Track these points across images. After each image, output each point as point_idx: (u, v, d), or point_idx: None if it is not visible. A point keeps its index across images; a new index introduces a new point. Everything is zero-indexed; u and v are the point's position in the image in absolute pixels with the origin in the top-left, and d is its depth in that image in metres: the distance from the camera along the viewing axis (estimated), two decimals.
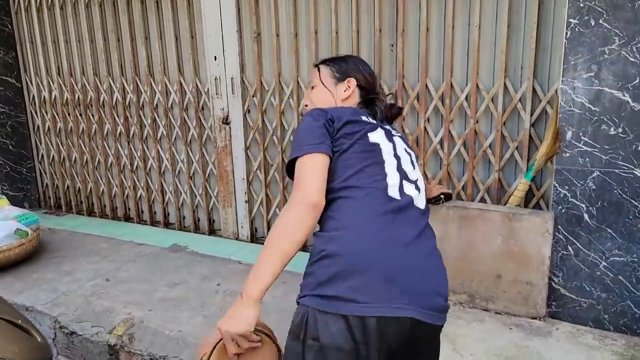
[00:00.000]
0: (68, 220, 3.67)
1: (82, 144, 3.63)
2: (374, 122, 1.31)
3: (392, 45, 2.50)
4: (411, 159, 1.30)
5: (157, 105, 3.28)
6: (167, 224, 3.48)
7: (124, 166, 3.52)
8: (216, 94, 3.00)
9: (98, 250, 3.03)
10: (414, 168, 1.29)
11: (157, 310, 2.26)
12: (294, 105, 2.79)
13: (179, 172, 3.34)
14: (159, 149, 3.34)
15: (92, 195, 3.71)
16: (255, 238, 3.16)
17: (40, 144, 3.81)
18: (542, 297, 2.10)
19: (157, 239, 3.21)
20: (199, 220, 3.38)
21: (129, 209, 3.63)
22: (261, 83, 2.86)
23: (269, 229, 3.08)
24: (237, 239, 3.18)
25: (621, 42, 1.81)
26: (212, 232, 3.32)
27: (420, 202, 1.23)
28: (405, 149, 1.31)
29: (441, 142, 2.47)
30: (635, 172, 1.88)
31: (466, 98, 2.36)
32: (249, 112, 2.97)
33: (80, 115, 3.56)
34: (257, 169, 3.02)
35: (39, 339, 1.53)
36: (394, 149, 1.26)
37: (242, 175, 3.06)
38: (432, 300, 1.11)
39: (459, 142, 2.42)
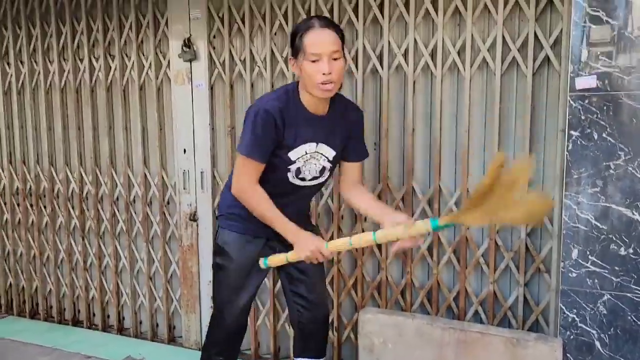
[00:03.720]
0: (6, 323, 3.24)
1: (30, 238, 3.28)
2: None
3: (375, 144, 2.36)
4: None
5: (117, 198, 3.01)
6: (121, 330, 3.10)
7: (75, 263, 3.18)
8: (184, 188, 2.77)
9: None
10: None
11: None
12: None
13: (137, 272, 3.02)
14: (117, 245, 3.03)
15: (38, 294, 3.31)
16: None
17: None
18: None
19: (109, 350, 2.83)
20: (157, 326, 3.03)
21: (79, 311, 3.24)
22: None
23: (255, 340, 2.76)
24: (200, 349, 2.83)
25: (626, 158, 1.70)
26: (172, 340, 2.96)
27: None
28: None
29: (429, 249, 2.28)
30: None
31: (455, 204, 2.20)
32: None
33: (31, 206, 3.25)
34: None
35: None
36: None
37: (208, 277, 2.76)
38: None
39: (449, 250, 2.23)
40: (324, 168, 1.83)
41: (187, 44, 2.64)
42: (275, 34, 2.48)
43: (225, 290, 1.93)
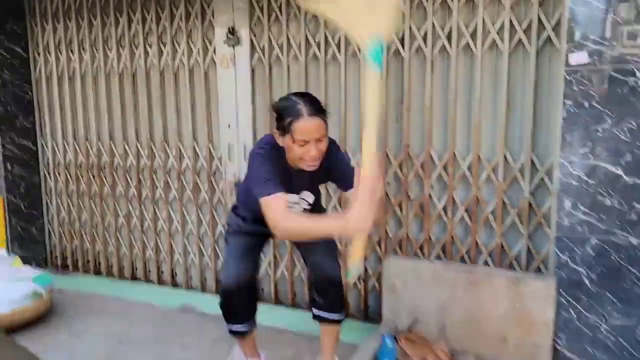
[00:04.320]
0: (75, 279, 3.71)
1: (92, 205, 3.73)
2: None
3: (397, 117, 2.70)
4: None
5: (170, 169, 3.42)
6: (174, 285, 3.54)
7: (133, 227, 3.61)
8: (229, 159, 3.16)
9: (108, 311, 3.07)
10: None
11: None
12: None
13: (188, 234, 3.43)
14: (170, 211, 3.45)
15: (100, 255, 3.77)
16: (262, 298, 3.22)
17: (52, 204, 3.90)
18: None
19: (165, 299, 3.26)
20: (205, 280, 3.45)
21: (136, 268, 3.68)
22: None
23: (275, 289, 3.17)
24: None
25: (613, 122, 2.01)
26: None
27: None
28: None
29: (445, 209, 2.61)
30: (631, 240, 2.02)
31: (468, 168, 2.53)
32: None
33: (93, 177, 3.69)
34: None
35: None
36: None
37: None
38: None
39: (462, 208, 2.56)
40: (305, 209, 2.10)
41: (231, 31, 3.00)
42: (309, 21, 2.82)
43: None
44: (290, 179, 1.95)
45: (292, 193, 1.98)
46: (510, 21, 2.37)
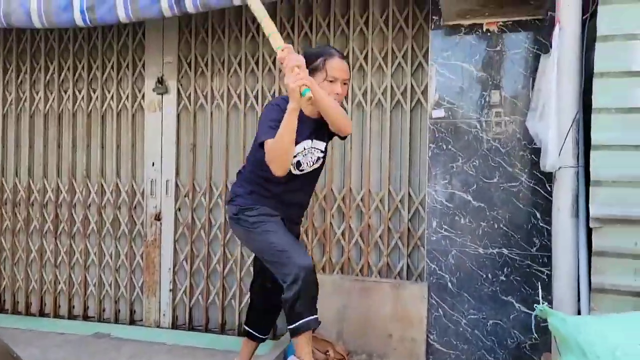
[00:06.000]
0: None
1: (2, 240, 3.77)
2: None
3: None
4: None
5: (90, 204, 3.63)
6: (86, 317, 3.64)
7: (45, 261, 3.70)
8: (151, 194, 3.47)
9: (19, 341, 3.11)
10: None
11: None
12: (221, 204, 3.34)
13: (104, 265, 3.61)
14: (87, 244, 3.62)
15: (6, 291, 3.76)
16: (177, 325, 3.45)
17: None
18: (422, 351, 2.70)
19: (78, 329, 3.36)
20: (119, 311, 3.60)
21: (45, 304, 3.73)
22: (193, 185, 3.40)
23: (190, 316, 3.42)
24: (158, 326, 3.45)
25: (463, 161, 2.69)
26: (132, 322, 3.55)
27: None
28: None
29: (343, 234, 3.14)
30: (479, 250, 2.66)
31: (361, 200, 3.10)
32: (179, 209, 3.45)
33: (5, 212, 3.76)
34: (183, 260, 3.42)
35: None
36: None
37: (168, 265, 3.44)
38: None
39: (357, 233, 3.10)
40: (318, 158, 2.23)
41: (160, 81, 3.43)
42: (231, 76, 3.34)
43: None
44: (305, 125, 2.06)
45: (307, 140, 2.12)
46: (392, 86, 3.06)
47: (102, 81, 3.60)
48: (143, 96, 3.52)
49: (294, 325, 2.04)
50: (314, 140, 2.18)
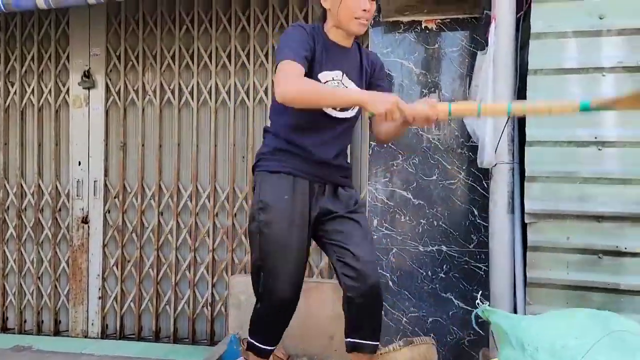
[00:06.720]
0: None
1: None
2: None
3: (243, 157, 3.13)
4: None
5: (8, 207, 3.34)
6: (4, 329, 3.35)
7: None
8: (77, 195, 3.24)
9: None
10: None
11: None
12: (155, 206, 3.16)
13: (25, 273, 3.33)
14: (5, 250, 3.34)
15: None
16: (106, 334, 3.24)
17: None
18: None
19: None
20: (42, 322, 3.34)
21: None
22: (124, 186, 3.21)
23: (121, 324, 3.22)
24: (86, 337, 3.23)
25: (403, 159, 2.68)
26: (57, 333, 3.30)
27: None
28: None
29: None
30: (419, 248, 2.66)
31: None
32: (109, 212, 3.24)
33: None
34: (113, 265, 3.22)
35: None
36: None
37: (97, 272, 3.22)
38: None
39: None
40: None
41: (87, 74, 3.21)
42: (164, 70, 3.17)
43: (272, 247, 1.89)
44: (333, 52, 1.85)
45: (336, 70, 1.86)
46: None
47: (20, 74, 3.33)
48: (68, 91, 3.28)
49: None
50: (344, 76, 1.88)
